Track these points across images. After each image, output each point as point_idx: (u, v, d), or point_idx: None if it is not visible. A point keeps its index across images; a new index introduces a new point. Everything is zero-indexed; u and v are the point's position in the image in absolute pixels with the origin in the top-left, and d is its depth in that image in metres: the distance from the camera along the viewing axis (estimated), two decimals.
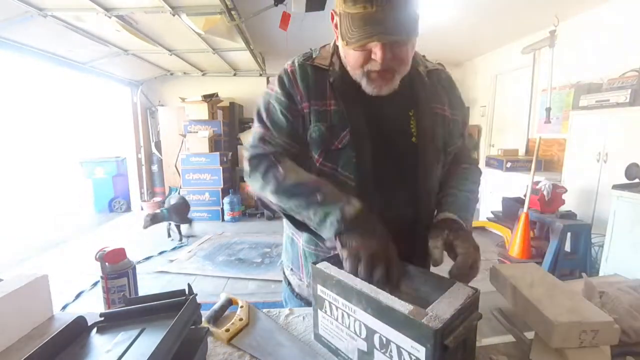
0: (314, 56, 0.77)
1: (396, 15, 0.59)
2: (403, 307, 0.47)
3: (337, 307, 0.57)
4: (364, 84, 0.69)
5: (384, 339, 0.50)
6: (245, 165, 0.77)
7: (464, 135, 0.86)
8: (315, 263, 0.62)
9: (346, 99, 0.73)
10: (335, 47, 0.77)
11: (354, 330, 0.55)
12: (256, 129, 0.79)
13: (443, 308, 0.47)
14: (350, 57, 0.68)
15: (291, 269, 0.89)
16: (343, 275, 0.57)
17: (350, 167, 0.73)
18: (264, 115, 0.78)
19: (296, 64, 0.76)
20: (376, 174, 0.73)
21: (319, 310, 0.62)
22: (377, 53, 0.62)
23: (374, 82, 0.68)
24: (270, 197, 0.71)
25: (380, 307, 0.49)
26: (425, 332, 0.43)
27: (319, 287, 0.61)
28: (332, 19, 0.69)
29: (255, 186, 0.75)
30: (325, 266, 0.61)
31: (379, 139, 0.73)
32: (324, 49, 0.79)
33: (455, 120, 0.81)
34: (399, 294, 0.51)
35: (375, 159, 0.73)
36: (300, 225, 0.71)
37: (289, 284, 0.91)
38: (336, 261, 0.65)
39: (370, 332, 0.52)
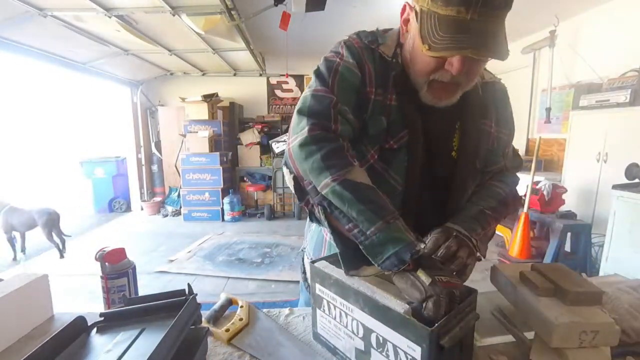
0: (378, 41, 0.67)
1: (493, 28, 0.52)
2: (399, 306, 0.47)
3: (335, 306, 0.58)
4: (423, 91, 0.63)
5: (381, 338, 0.50)
6: (303, 132, 0.59)
7: (507, 155, 0.78)
8: (313, 262, 0.62)
9: (405, 98, 0.66)
10: (399, 38, 0.69)
11: (352, 329, 0.55)
12: (319, 92, 0.63)
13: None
14: (419, 61, 0.60)
15: (311, 259, 0.89)
16: (341, 275, 0.57)
17: (401, 171, 0.67)
18: (329, 80, 0.63)
19: (363, 43, 0.67)
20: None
21: (317, 310, 0.62)
22: (453, 64, 0.55)
23: (435, 93, 0.62)
24: (323, 185, 0.57)
25: (377, 307, 0.49)
26: (421, 332, 0.44)
27: (318, 286, 0.61)
28: (403, 12, 0.62)
29: (305, 162, 0.59)
30: (323, 265, 0.61)
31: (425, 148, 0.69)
32: (390, 36, 0.69)
33: (500, 138, 0.74)
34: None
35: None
36: (334, 231, 0.60)
37: (304, 271, 0.90)
38: (334, 260, 0.65)
39: (367, 332, 0.52)
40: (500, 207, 0.70)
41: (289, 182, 0.66)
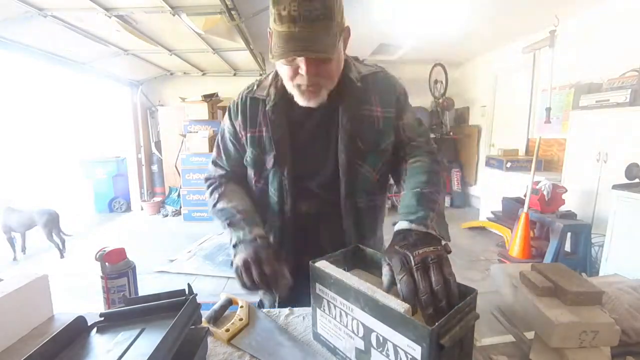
0: (254, 89, 0.87)
1: (315, 35, 0.65)
2: (399, 306, 0.47)
3: (335, 306, 0.58)
4: (296, 96, 0.77)
5: (381, 338, 0.50)
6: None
7: (401, 127, 0.86)
8: (314, 262, 0.62)
9: (276, 125, 0.82)
10: (274, 78, 0.85)
11: (352, 329, 0.55)
12: (214, 151, 0.97)
13: None
14: (282, 71, 0.76)
15: None
16: (341, 274, 0.57)
17: (275, 185, 0.85)
18: (220, 142, 0.94)
19: (240, 97, 0.89)
20: (302, 185, 0.84)
21: (317, 309, 0.62)
22: (302, 67, 0.70)
23: (303, 95, 0.75)
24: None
25: (377, 306, 0.49)
26: (421, 331, 0.44)
27: (318, 286, 0.61)
28: (270, 36, 0.74)
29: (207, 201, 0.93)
30: (323, 265, 0.61)
31: (305, 154, 0.83)
32: (266, 80, 0.88)
33: (387, 117, 0.84)
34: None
35: (301, 174, 0.83)
36: None
37: None
38: (335, 260, 0.65)
39: (368, 331, 0.52)
40: (431, 177, 0.76)
41: None
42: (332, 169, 0.83)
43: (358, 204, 0.85)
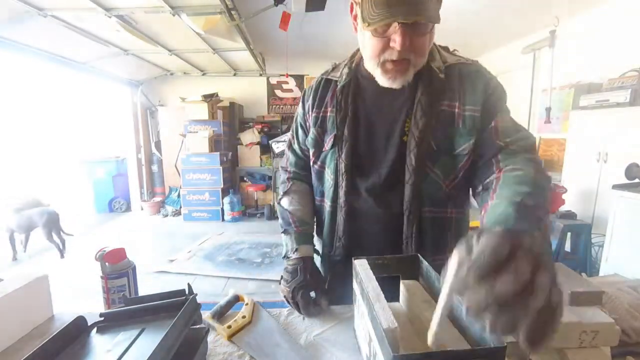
0: (329, 70, 0.87)
1: None
2: (386, 321, 0.42)
3: (358, 307, 0.58)
4: (378, 75, 0.69)
5: (374, 350, 0.47)
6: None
7: (492, 131, 0.70)
8: (356, 259, 0.61)
9: (342, 106, 0.79)
10: (349, 60, 0.83)
11: (365, 333, 0.53)
12: (289, 134, 0.97)
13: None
14: (368, 45, 0.67)
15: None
16: (367, 276, 0.54)
17: (332, 167, 0.81)
18: (293, 125, 0.94)
19: (317, 80, 0.88)
20: (363, 174, 0.78)
21: (354, 305, 0.63)
22: (396, 39, 0.61)
23: (388, 73, 0.67)
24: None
25: (372, 316, 0.46)
26: (387, 354, 0.38)
27: (354, 283, 0.61)
28: (352, 10, 0.69)
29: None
30: (361, 263, 0.59)
31: (367, 140, 0.78)
32: (344, 61, 0.85)
33: (468, 116, 0.71)
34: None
35: (360, 162, 0.78)
36: None
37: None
38: (383, 263, 0.63)
39: (369, 339, 0.51)
40: (536, 190, 0.55)
41: None
42: (396, 168, 0.74)
43: (422, 213, 0.74)
